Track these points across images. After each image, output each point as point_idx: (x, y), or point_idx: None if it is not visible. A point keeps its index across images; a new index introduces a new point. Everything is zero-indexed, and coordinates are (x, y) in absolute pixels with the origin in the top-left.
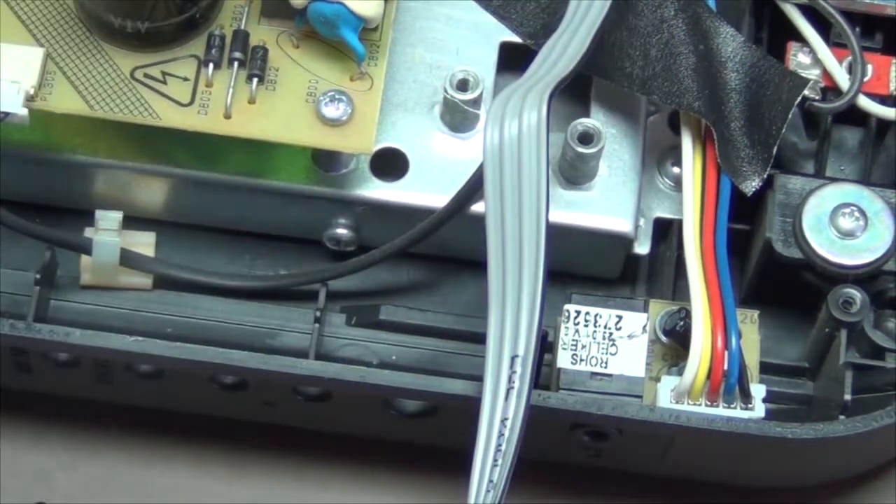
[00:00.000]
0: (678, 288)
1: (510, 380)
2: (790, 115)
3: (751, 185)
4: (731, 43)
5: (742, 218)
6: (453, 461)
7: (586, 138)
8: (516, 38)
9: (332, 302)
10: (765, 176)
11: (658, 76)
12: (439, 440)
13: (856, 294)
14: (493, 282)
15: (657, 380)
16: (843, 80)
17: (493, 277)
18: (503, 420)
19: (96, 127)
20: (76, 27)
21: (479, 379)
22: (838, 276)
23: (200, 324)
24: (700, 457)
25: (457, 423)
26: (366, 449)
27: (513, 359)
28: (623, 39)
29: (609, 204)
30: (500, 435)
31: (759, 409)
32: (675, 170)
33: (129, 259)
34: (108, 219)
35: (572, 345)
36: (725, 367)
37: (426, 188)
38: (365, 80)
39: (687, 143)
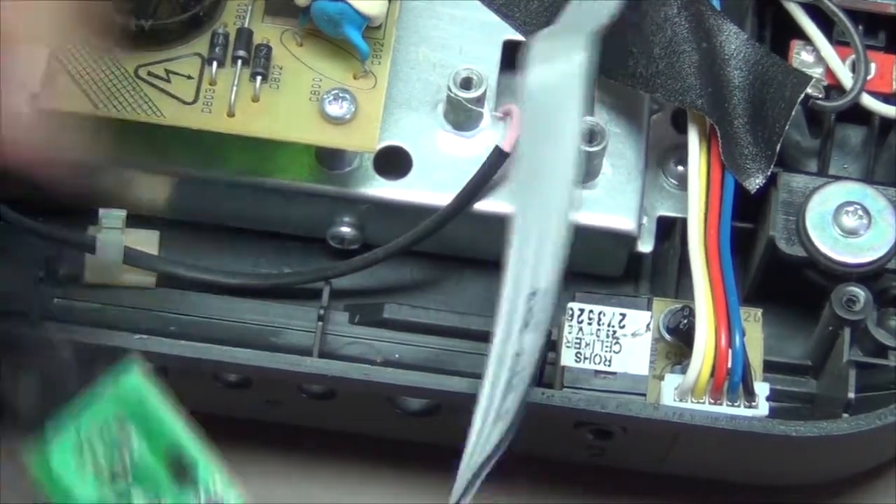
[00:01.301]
0: (681, 286)
1: (528, 313)
2: (793, 113)
3: (754, 183)
4: (734, 40)
5: (745, 216)
6: (457, 460)
7: (590, 137)
8: (520, 37)
9: (335, 300)
10: (768, 173)
11: (661, 74)
12: (443, 439)
13: (859, 292)
14: (518, 212)
15: (661, 378)
16: (846, 78)
17: (518, 208)
18: (517, 354)
19: (100, 125)
20: None
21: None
22: (842, 274)
23: (204, 322)
24: (703, 455)
25: (461, 422)
26: (370, 447)
27: (532, 294)
28: (626, 37)
29: (612, 202)
30: (512, 370)
31: (762, 408)
32: (679, 168)
33: (132, 257)
34: (112, 217)
35: (576, 343)
36: (729, 365)
37: (430, 186)
38: (368, 79)
39: (693, 141)
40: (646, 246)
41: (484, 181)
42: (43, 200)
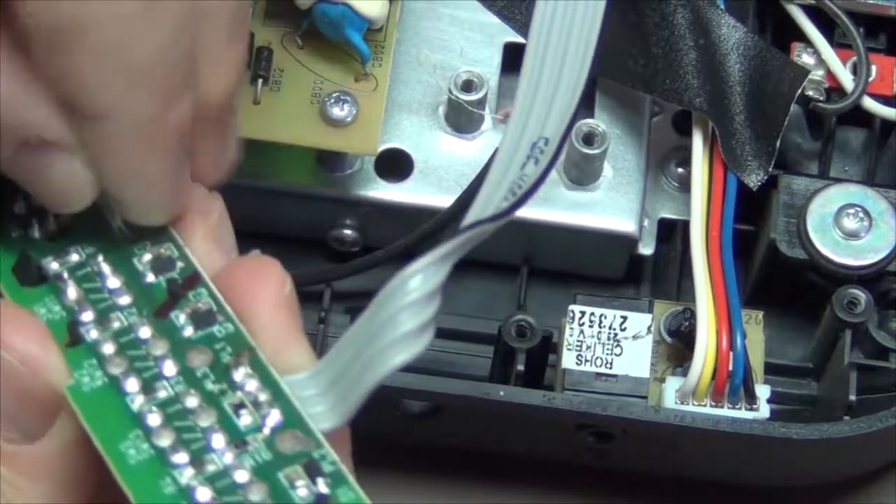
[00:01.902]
0: (682, 288)
1: (530, 152)
2: (792, 107)
3: (755, 180)
4: (733, 34)
5: (746, 219)
6: (457, 462)
7: (591, 139)
8: (521, 39)
9: (336, 302)
10: (769, 169)
11: (660, 73)
12: (443, 441)
13: (860, 294)
14: (529, 57)
15: (662, 380)
16: (847, 80)
17: (530, 53)
18: (520, 177)
19: None
20: None
21: (485, 379)
22: (843, 276)
23: None
24: (704, 457)
25: (461, 424)
26: (369, 449)
27: (535, 142)
28: (625, 37)
29: (613, 204)
30: (511, 191)
31: (763, 410)
32: (680, 170)
33: None
34: None
35: (577, 345)
36: (730, 367)
37: (431, 189)
38: (369, 81)
39: (696, 143)
40: (647, 248)
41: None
42: None
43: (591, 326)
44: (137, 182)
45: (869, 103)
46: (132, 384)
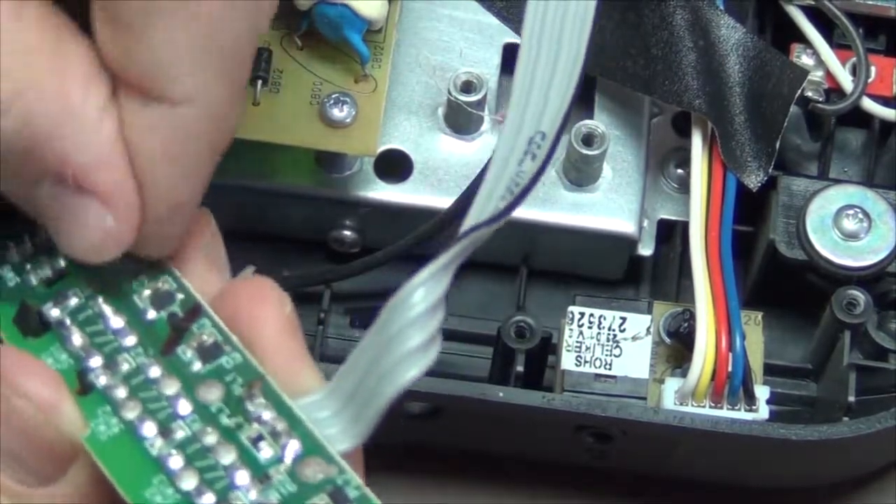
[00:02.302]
0: (682, 289)
1: (528, 146)
2: (792, 108)
3: (755, 181)
4: (733, 35)
5: (745, 220)
6: (456, 462)
7: (590, 140)
8: (520, 40)
9: (336, 303)
10: (769, 170)
11: (659, 75)
12: (443, 441)
13: (859, 296)
14: (523, 54)
15: (661, 381)
16: (846, 81)
17: (524, 50)
18: (517, 174)
19: None
20: None
21: (484, 380)
22: (842, 277)
23: None
24: (704, 458)
25: (460, 425)
26: (368, 450)
27: (532, 137)
28: (625, 39)
29: (613, 205)
30: (508, 189)
31: (763, 411)
32: (679, 171)
33: None
34: None
35: (576, 346)
36: (729, 368)
37: (430, 190)
38: (369, 82)
39: (696, 144)
40: (646, 249)
41: None
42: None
43: (590, 327)
44: (182, 187)
45: (868, 104)
46: (149, 428)
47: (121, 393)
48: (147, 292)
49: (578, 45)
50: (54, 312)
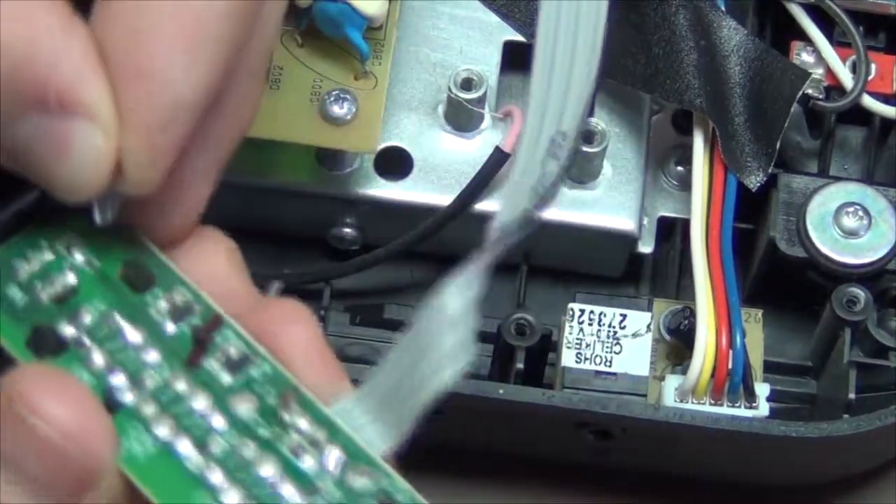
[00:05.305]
0: (682, 287)
1: (550, 146)
2: (793, 109)
3: (755, 181)
4: (734, 37)
5: (746, 217)
6: (456, 460)
7: (590, 137)
8: (520, 38)
9: (336, 301)
10: (769, 170)
11: (660, 73)
12: (442, 439)
13: (859, 293)
14: (539, 55)
15: (661, 379)
16: (846, 79)
17: (540, 50)
18: (542, 175)
19: None
20: None
21: (484, 378)
22: (842, 275)
23: None
24: (704, 455)
25: (460, 423)
26: None
27: (553, 138)
28: (626, 37)
29: (613, 203)
30: (534, 191)
31: (763, 408)
32: (679, 169)
33: None
34: None
35: (576, 343)
36: (730, 365)
37: (430, 187)
38: (369, 79)
39: (697, 142)
40: (646, 247)
41: (485, 182)
42: None
43: (590, 325)
44: (188, 79)
45: (868, 102)
46: (185, 445)
47: (150, 409)
48: (163, 304)
49: (594, 42)
50: (69, 330)
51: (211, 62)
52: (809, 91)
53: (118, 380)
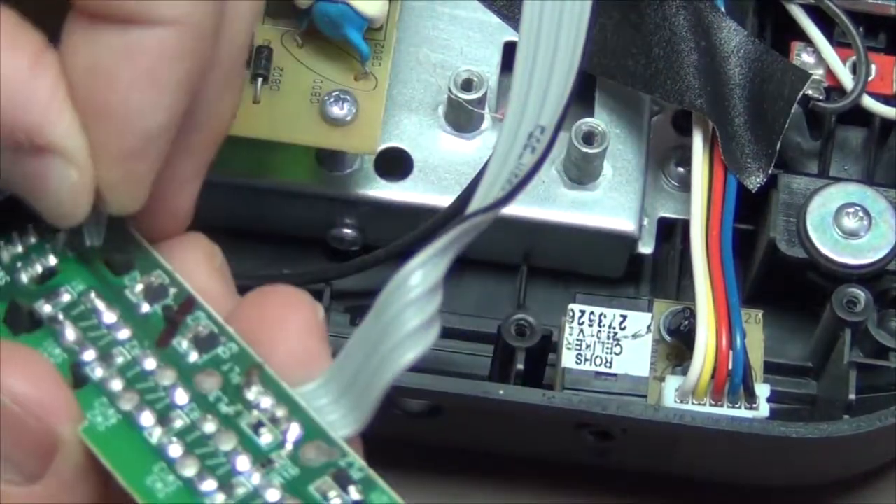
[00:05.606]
0: (682, 287)
1: (527, 141)
2: (793, 110)
3: (755, 182)
4: (734, 38)
5: (746, 218)
6: (456, 461)
7: (590, 138)
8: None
9: (336, 301)
10: (769, 171)
11: (661, 74)
12: (443, 440)
13: (860, 294)
14: (522, 51)
15: (662, 379)
16: (846, 79)
17: (522, 47)
18: (517, 166)
19: None
20: None
21: (484, 378)
22: (842, 275)
23: None
24: (704, 456)
25: (461, 423)
26: (369, 449)
27: (532, 132)
28: (626, 38)
29: (613, 203)
30: (508, 181)
31: (763, 409)
32: (680, 169)
33: None
34: None
35: (577, 344)
36: (730, 366)
37: (430, 188)
38: (369, 80)
39: (697, 142)
40: (646, 247)
41: None
42: None
43: (590, 325)
44: (155, 113)
45: (868, 102)
46: (147, 418)
47: (116, 385)
48: (140, 287)
49: (576, 39)
50: (46, 309)
51: (175, 92)
52: (810, 92)
53: (88, 356)
